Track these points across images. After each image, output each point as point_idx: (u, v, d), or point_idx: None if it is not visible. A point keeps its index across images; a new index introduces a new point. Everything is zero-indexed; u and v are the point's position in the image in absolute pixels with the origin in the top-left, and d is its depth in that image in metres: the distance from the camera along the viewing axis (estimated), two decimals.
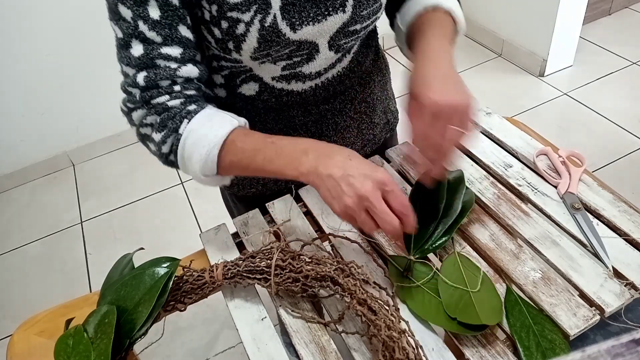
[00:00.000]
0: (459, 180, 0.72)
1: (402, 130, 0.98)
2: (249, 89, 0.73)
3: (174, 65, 0.62)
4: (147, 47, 0.61)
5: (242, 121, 0.66)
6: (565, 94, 2.34)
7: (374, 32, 0.81)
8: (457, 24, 0.73)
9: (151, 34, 0.60)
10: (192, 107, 0.64)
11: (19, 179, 2.39)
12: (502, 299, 0.62)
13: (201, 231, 0.80)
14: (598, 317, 0.59)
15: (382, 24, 0.80)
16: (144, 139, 0.67)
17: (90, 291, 1.84)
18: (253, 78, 0.72)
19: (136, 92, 0.63)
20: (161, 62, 0.62)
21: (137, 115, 0.65)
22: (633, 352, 0.24)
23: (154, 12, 0.60)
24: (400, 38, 0.78)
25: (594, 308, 0.60)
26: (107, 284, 0.69)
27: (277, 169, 0.61)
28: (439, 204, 0.68)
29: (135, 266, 0.68)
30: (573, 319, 0.59)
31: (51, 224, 2.16)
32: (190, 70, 0.63)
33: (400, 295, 0.65)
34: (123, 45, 0.62)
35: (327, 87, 0.75)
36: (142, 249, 0.75)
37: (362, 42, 0.76)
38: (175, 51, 0.62)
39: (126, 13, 0.59)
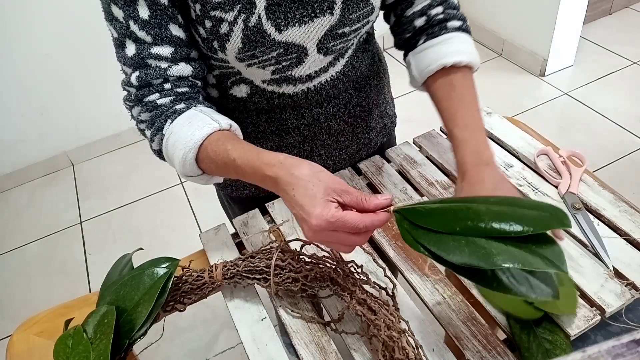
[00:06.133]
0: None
1: (401, 133, 0.99)
2: (240, 90, 0.73)
3: (164, 64, 0.64)
4: (139, 47, 0.63)
5: (225, 123, 0.64)
6: (565, 93, 2.34)
7: (371, 36, 0.80)
8: (473, 68, 0.73)
9: (141, 34, 0.62)
10: (180, 105, 0.65)
11: (18, 179, 2.39)
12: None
13: (201, 231, 0.79)
14: (599, 317, 0.59)
15: (382, 25, 0.80)
16: (142, 133, 0.70)
17: (90, 291, 1.83)
18: (243, 80, 0.71)
19: (132, 90, 0.66)
20: (152, 62, 0.64)
21: (134, 112, 0.68)
22: (634, 353, 0.24)
23: (144, 12, 0.61)
24: (414, 83, 0.77)
25: (594, 308, 0.60)
26: (106, 284, 0.68)
27: (249, 182, 0.63)
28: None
29: (135, 266, 0.68)
30: (573, 319, 0.59)
31: (50, 224, 2.16)
32: (181, 69, 0.65)
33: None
34: (119, 45, 0.64)
35: (319, 91, 0.74)
36: (142, 249, 0.75)
37: (358, 47, 0.75)
38: (165, 50, 0.63)
39: (118, 13, 0.61)
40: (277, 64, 0.68)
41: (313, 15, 0.64)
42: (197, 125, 0.63)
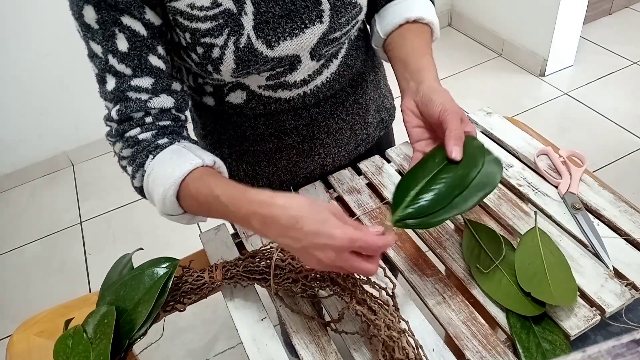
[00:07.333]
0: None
1: (401, 131, 0.99)
2: (237, 97, 0.73)
3: (145, 96, 0.62)
4: (119, 81, 0.61)
5: (209, 160, 0.62)
6: (565, 93, 2.33)
7: (363, 32, 0.80)
8: (434, 34, 0.75)
9: (121, 67, 0.61)
10: (162, 140, 0.63)
11: (18, 179, 2.39)
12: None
13: (201, 231, 0.79)
14: (598, 317, 0.59)
15: None
16: (124, 170, 0.67)
17: (90, 291, 1.84)
18: (240, 86, 0.71)
19: (113, 125, 0.64)
20: (132, 95, 0.62)
21: (116, 148, 0.66)
22: (634, 353, 0.24)
23: (122, 45, 0.60)
24: (376, 41, 0.77)
25: (594, 308, 0.60)
26: (106, 284, 0.68)
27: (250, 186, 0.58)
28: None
29: (135, 266, 0.68)
30: (573, 319, 0.59)
31: (51, 224, 2.16)
32: (163, 101, 0.63)
33: (474, 274, 0.65)
34: (100, 81, 0.63)
35: (316, 94, 0.74)
36: (142, 249, 0.75)
37: (351, 45, 0.76)
38: (146, 82, 0.62)
39: (97, 49, 0.61)
40: (272, 70, 0.68)
41: (303, 26, 0.64)
42: (179, 161, 0.60)
